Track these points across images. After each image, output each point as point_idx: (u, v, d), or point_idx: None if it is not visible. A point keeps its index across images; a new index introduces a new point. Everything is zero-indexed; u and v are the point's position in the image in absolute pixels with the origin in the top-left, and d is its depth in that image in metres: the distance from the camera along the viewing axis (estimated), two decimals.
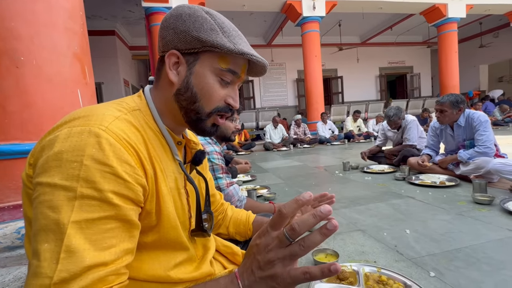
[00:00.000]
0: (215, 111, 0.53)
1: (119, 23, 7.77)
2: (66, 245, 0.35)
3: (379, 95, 11.73)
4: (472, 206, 1.67)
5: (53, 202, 0.37)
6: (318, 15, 6.81)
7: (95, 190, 0.38)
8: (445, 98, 2.27)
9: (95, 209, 0.38)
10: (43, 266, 0.35)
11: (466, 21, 8.97)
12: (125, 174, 0.41)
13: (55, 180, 0.37)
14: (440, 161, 2.46)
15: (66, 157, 0.38)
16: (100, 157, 0.39)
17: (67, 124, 0.42)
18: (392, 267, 1.05)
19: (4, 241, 0.98)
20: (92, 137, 0.40)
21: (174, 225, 0.52)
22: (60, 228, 0.36)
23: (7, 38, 1.01)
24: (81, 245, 0.36)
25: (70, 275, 0.35)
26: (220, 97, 0.53)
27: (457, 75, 7.91)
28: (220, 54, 0.50)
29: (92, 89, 1.36)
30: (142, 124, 0.50)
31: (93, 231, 0.37)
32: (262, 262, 0.36)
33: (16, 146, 1.03)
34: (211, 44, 0.49)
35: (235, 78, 0.54)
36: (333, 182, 2.64)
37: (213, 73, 0.52)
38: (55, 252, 0.35)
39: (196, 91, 0.51)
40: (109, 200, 0.39)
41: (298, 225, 0.34)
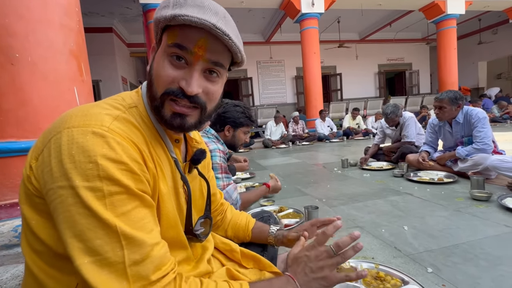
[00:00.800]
0: (165, 93, 0.47)
1: (116, 20, 7.70)
2: (122, 234, 0.38)
3: (378, 92, 11.72)
4: (470, 203, 1.68)
5: (85, 202, 0.38)
6: (317, 12, 6.77)
7: (120, 186, 0.40)
8: (444, 94, 2.27)
9: (127, 202, 0.40)
10: (109, 257, 0.38)
11: (465, 17, 8.95)
12: (137, 170, 0.43)
13: (77, 183, 0.38)
14: (438, 158, 2.47)
15: (79, 159, 0.38)
16: (113, 156, 0.40)
17: (64, 125, 0.41)
18: (390, 263, 1.06)
19: (1, 239, 0.98)
20: (98, 138, 0.40)
21: (173, 224, 0.52)
22: (105, 223, 0.38)
23: (2, 35, 1.00)
24: (133, 232, 0.39)
25: (140, 256, 0.39)
26: (170, 78, 0.46)
27: (456, 72, 7.91)
28: (169, 30, 0.47)
29: (89, 86, 1.35)
30: (140, 123, 0.49)
31: (133, 220, 0.40)
32: (315, 268, 0.53)
33: (13, 144, 1.02)
34: (157, 20, 0.47)
35: (189, 56, 0.46)
36: (332, 179, 2.64)
37: (164, 52, 0.47)
38: (114, 242, 0.38)
39: (152, 74, 0.49)
40: (134, 192, 0.41)
41: (342, 243, 0.53)
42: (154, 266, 0.40)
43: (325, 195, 2.09)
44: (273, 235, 0.82)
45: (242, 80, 10.48)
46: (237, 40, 0.47)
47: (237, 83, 10.59)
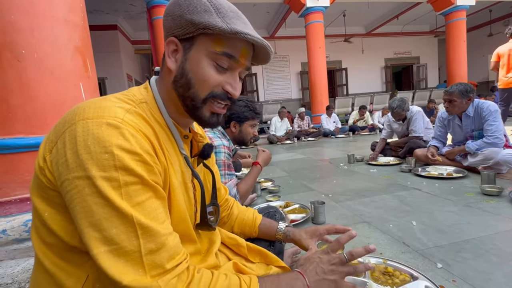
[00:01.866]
0: (210, 96, 0.50)
1: (121, 17, 7.72)
2: (137, 224, 0.39)
3: (385, 86, 11.54)
4: (480, 198, 1.65)
5: (102, 192, 0.38)
6: (322, 5, 6.66)
7: (135, 176, 0.40)
8: (454, 87, 2.21)
9: (141, 192, 0.41)
10: (125, 246, 0.38)
11: (475, 8, 8.70)
12: (151, 162, 0.43)
13: (93, 173, 0.38)
14: (447, 153, 2.42)
15: (95, 150, 0.39)
16: (128, 146, 0.40)
17: (78, 117, 0.42)
18: (399, 258, 1.05)
19: (12, 233, 0.99)
20: (113, 129, 0.40)
21: (183, 218, 0.53)
22: (122, 212, 0.39)
23: (7, 31, 1.00)
24: (148, 221, 0.40)
25: (155, 245, 0.40)
26: (215, 82, 0.50)
27: (465, 65, 7.72)
28: (215, 37, 0.48)
29: (95, 82, 1.35)
30: (150, 117, 0.49)
31: (147, 210, 0.41)
32: (327, 270, 0.54)
33: (21, 140, 1.03)
34: (203, 25, 0.47)
35: (233, 63, 0.50)
36: (338, 174, 2.62)
37: (208, 57, 0.49)
38: (130, 232, 0.39)
39: (191, 77, 0.50)
40: (148, 183, 0.42)
41: (355, 253, 0.54)
42: (168, 255, 0.41)
43: (331, 190, 2.07)
44: (281, 232, 0.81)
45: (247, 76, 10.42)
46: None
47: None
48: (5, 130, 1.03)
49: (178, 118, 0.55)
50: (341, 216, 1.55)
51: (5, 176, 1.03)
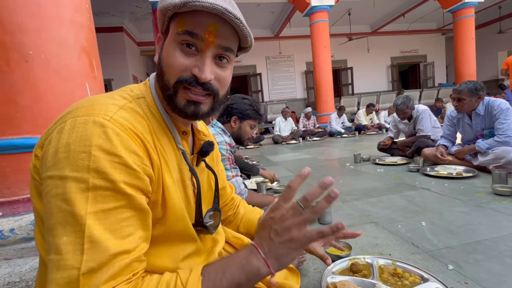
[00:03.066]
0: (178, 82, 0.46)
1: (127, 19, 7.80)
2: (88, 236, 0.35)
3: (391, 85, 11.40)
4: (491, 198, 1.60)
5: (66, 194, 0.36)
6: (327, 4, 6.61)
7: (107, 181, 0.37)
8: (463, 85, 2.17)
9: (110, 200, 0.38)
10: (67, 259, 0.35)
11: (484, 5, 8.52)
12: (134, 165, 0.40)
13: (66, 172, 0.37)
14: (457, 152, 2.37)
15: (74, 148, 0.37)
16: (108, 147, 0.38)
17: (70, 114, 0.41)
18: (408, 259, 1.02)
19: (20, 232, 1.00)
20: (97, 127, 0.39)
21: (180, 217, 0.51)
22: (77, 220, 0.36)
23: (15, 32, 1.01)
24: (103, 234, 0.36)
25: (97, 264, 0.35)
26: (182, 66, 0.46)
27: (474, 63, 7.56)
28: (177, 18, 0.46)
29: (101, 82, 1.36)
30: (146, 113, 0.48)
31: (110, 221, 0.37)
32: (280, 230, 0.42)
33: (28, 140, 1.04)
34: (165, 8, 0.45)
35: (199, 42, 0.45)
36: (344, 174, 2.59)
37: (174, 42, 0.46)
38: (77, 244, 0.35)
39: (163, 65, 0.48)
40: (122, 190, 0.38)
41: (309, 195, 0.42)
42: (108, 276, 0.36)
43: (338, 190, 2.03)
44: None
45: (251, 76, 10.43)
46: (246, 24, 0.47)
47: (246, 79, 10.55)
48: (13, 130, 1.04)
49: (174, 115, 0.54)
50: (348, 216, 1.52)
51: (14, 176, 1.05)
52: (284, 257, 0.42)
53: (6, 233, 0.99)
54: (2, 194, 1.05)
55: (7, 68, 1.02)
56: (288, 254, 0.42)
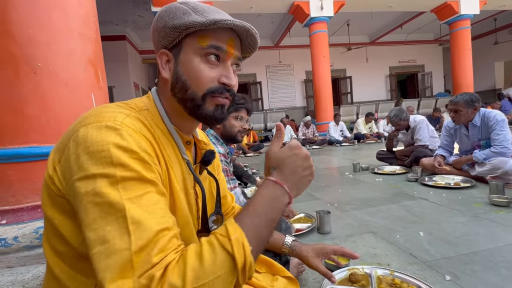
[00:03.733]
0: (208, 92, 0.51)
1: (129, 28, 7.94)
2: (131, 218, 0.37)
3: (390, 94, 11.52)
4: (488, 208, 1.62)
5: (97, 189, 0.38)
6: (326, 15, 6.76)
7: (132, 171, 0.40)
8: (459, 97, 2.21)
9: (138, 187, 0.40)
10: (116, 243, 0.36)
11: (479, 17, 8.71)
12: (148, 160, 0.43)
13: (92, 171, 0.39)
14: (455, 162, 2.40)
15: (93, 149, 0.40)
16: (124, 144, 0.41)
17: (80, 124, 0.44)
18: (406, 270, 1.03)
19: (23, 240, 1.02)
20: (111, 131, 0.42)
21: (187, 221, 0.53)
22: (116, 207, 0.37)
23: (26, 45, 1.05)
24: (143, 215, 0.38)
25: (146, 241, 0.37)
26: (210, 77, 0.51)
27: (471, 73, 7.68)
28: (198, 33, 0.50)
29: (105, 93, 1.40)
30: (151, 123, 0.51)
31: (144, 204, 0.39)
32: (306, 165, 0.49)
33: (35, 149, 1.07)
34: (185, 26, 0.49)
35: (223, 54, 0.51)
36: (343, 183, 2.60)
37: (197, 55, 0.50)
38: (122, 228, 0.37)
39: (185, 79, 0.51)
40: (146, 178, 0.41)
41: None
42: (158, 249, 0.37)
43: (337, 199, 2.06)
44: (288, 246, 0.82)
45: (251, 85, 10.54)
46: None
47: (247, 87, 10.66)
48: (20, 140, 1.07)
49: (181, 125, 0.56)
50: (347, 226, 1.54)
51: (19, 184, 1.07)
52: (302, 188, 0.50)
53: (10, 241, 1.00)
54: (7, 202, 1.07)
55: (16, 80, 1.05)
56: (305, 185, 0.50)
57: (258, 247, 0.43)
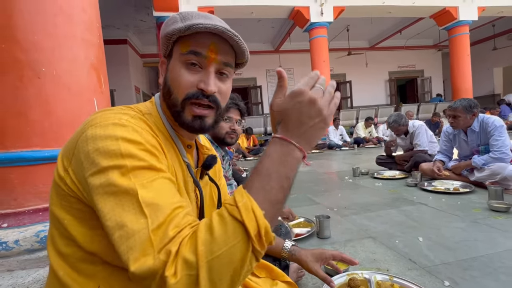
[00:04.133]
0: (186, 98, 0.51)
1: (131, 32, 8.00)
2: (145, 201, 0.38)
3: (389, 99, 11.57)
4: (487, 214, 1.63)
5: (110, 180, 0.39)
6: (326, 21, 6.82)
7: (141, 160, 0.41)
8: (458, 103, 2.23)
9: (149, 174, 0.41)
10: (134, 226, 0.37)
11: (478, 23, 8.79)
12: (156, 152, 0.45)
13: (103, 164, 0.40)
14: (454, 167, 2.41)
15: (102, 145, 0.41)
16: (132, 137, 0.43)
17: (87, 125, 0.45)
18: (405, 275, 1.04)
19: (24, 244, 1.02)
20: (118, 127, 0.43)
21: None
22: (130, 193, 0.39)
23: (31, 50, 1.07)
24: (156, 197, 0.39)
25: (162, 219, 0.38)
26: (188, 82, 0.51)
27: (469, 78, 7.73)
28: (181, 40, 0.51)
29: (107, 97, 1.41)
30: (153, 127, 0.52)
31: (157, 188, 0.41)
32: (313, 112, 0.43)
33: (37, 153, 1.08)
34: (170, 34, 0.51)
35: (203, 60, 0.50)
36: (343, 188, 2.61)
37: (179, 62, 0.51)
38: (138, 212, 0.38)
39: (170, 84, 0.53)
40: (155, 166, 0.43)
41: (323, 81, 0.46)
42: (174, 225, 0.38)
43: (337, 204, 2.07)
44: (287, 250, 0.82)
45: (252, 89, 10.59)
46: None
47: (247, 91, 10.70)
48: (22, 143, 1.08)
49: (180, 129, 0.57)
50: (346, 231, 1.54)
51: (21, 188, 1.07)
52: (314, 138, 0.44)
53: (11, 244, 1.00)
54: (8, 205, 1.07)
55: (20, 84, 1.06)
56: (317, 135, 0.44)
57: (273, 210, 0.40)
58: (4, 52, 1.04)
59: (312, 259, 0.81)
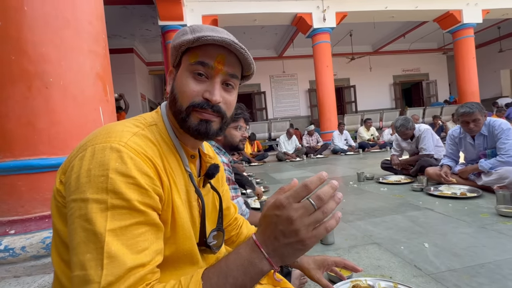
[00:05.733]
0: (191, 105, 0.52)
1: (137, 41, 8.18)
2: (107, 252, 0.39)
3: (394, 103, 11.50)
4: (496, 219, 1.59)
5: (88, 215, 0.40)
6: (328, 27, 6.87)
7: (123, 200, 0.41)
8: (473, 108, 2.13)
9: (126, 217, 0.41)
10: (90, 274, 0.38)
11: (483, 26, 8.73)
12: (145, 185, 0.44)
13: (87, 195, 0.41)
14: (460, 171, 2.37)
15: (94, 173, 0.42)
16: (123, 170, 0.43)
17: (90, 142, 0.46)
18: (410, 282, 1.02)
19: (31, 250, 1.04)
20: (114, 152, 0.44)
21: (188, 236, 0.54)
22: (98, 237, 0.39)
23: (39, 62, 1.11)
24: (120, 250, 0.39)
25: (115, 277, 0.38)
26: (194, 92, 0.52)
27: (476, 81, 7.64)
28: (189, 51, 0.53)
29: (113, 106, 1.44)
30: (157, 139, 0.53)
31: (127, 237, 0.41)
32: (287, 231, 0.38)
33: (44, 161, 1.11)
34: (179, 45, 0.53)
35: (210, 70, 0.52)
36: (348, 193, 2.59)
37: (187, 71, 0.53)
38: (98, 260, 0.38)
39: (176, 92, 0.55)
40: (136, 207, 0.42)
41: (324, 195, 0.38)
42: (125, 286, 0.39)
43: (341, 209, 2.05)
44: None
45: (256, 94, 10.65)
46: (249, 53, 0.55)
47: (251, 97, 10.78)
48: (30, 152, 1.11)
49: (184, 139, 0.59)
50: (350, 237, 1.52)
51: (28, 195, 1.10)
52: (289, 257, 0.40)
53: (18, 250, 1.02)
54: (16, 212, 1.10)
55: (29, 94, 1.10)
56: (293, 254, 0.40)
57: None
58: (14, 64, 1.09)
59: (314, 266, 0.80)
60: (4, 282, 1.00)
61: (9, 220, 1.09)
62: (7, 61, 1.08)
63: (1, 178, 1.09)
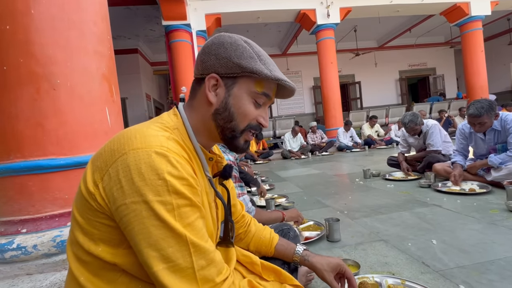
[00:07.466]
0: (247, 128, 0.59)
1: (141, 41, 8.24)
2: (190, 243, 0.45)
3: (400, 99, 11.34)
4: (506, 215, 1.56)
5: (157, 215, 0.44)
6: (332, 22, 6.80)
7: (185, 199, 0.46)
8: (481, 110, 2.05)
9: (191, 213, 0.47)
10: (181, 263, 0.44)
11: (492, 18, 8.52)
12: (195, 184, 0.49)
13: (149, 197, 0.44)
14: (469, 167, 2.33)
15: (148, 177, 0.44)
16: (176, 173, 0.46)
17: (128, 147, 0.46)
18: (418, 279, 1.01)
19: (42, 248, 1.06)
20: (161, 157, 0.46)
21: (211, 234, 0.57)
22: (175, 233, 0.44)
23: (47, 64, 1.13)
24: (198, 240, 0.46)
25: (206, 262, 0.46)
26: (253, 116, 0.59)
27: (484, 75, 7.48)
28: (257, 79, 0.57)
29: (119, 106, 1.46)
30: (182, 143, 0.54)
31: (196, 230, 0.47)
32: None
33: (53, 161, 1.13)
34: (250, 70, 0.55)
35: (267, 100, 0.60)
36: (354, 190, 2.57)
37: (249, 95, 0.58)
38: (183, 251, 0.45)
39: (233, 111, 0.57)
40: (195, 203, 0.48)
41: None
42: (217, 270, 0.47)
43: (347, 206, 2.04)
44: (299, 255, 0.82)
45: None
46: None
47: None
48: (39, 152, 1.13)
49: (206, 143, 0.61)
50: (357, 234, 1.52)
51: (39, 194, 1.12)
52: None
53: (30, 249, 1.05)
54: (27, 211, 1.12)
55: (37, 96, 1.12)
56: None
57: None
58: (22, 66, 1.11)
59: (328, 269, 0.78)
60: (18, 280, 1.03)
61: (20, 219, 1.11)
62: (16, 64, 1.10)
63: (12, 179, 1.12)
